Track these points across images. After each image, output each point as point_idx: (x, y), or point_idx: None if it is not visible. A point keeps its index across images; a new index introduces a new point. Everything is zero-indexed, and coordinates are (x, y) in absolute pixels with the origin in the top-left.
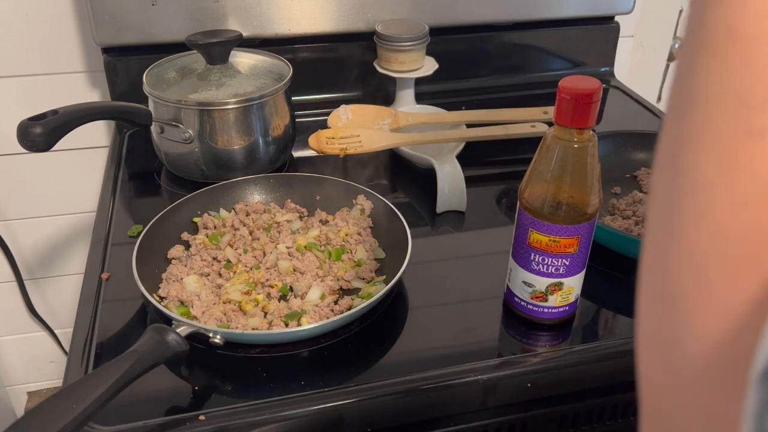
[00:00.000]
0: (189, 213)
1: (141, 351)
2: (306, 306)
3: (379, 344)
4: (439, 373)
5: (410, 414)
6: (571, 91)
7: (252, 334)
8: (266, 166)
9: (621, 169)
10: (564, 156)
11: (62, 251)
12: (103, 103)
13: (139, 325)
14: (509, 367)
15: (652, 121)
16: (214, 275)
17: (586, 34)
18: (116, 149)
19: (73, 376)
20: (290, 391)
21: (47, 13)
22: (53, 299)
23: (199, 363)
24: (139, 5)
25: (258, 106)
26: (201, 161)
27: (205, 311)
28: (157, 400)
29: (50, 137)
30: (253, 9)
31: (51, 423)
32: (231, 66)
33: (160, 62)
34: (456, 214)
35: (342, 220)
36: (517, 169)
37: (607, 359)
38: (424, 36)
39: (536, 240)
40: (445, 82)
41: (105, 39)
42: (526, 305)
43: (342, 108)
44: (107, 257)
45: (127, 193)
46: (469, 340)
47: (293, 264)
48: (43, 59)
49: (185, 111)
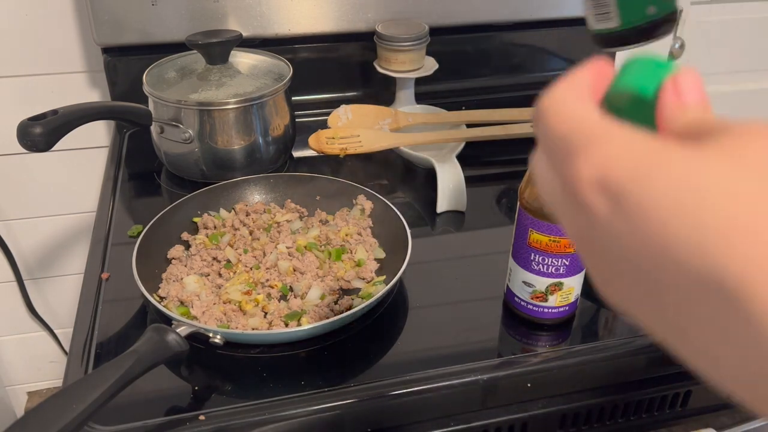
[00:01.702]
0: (189, 213)
1: (141, 351)
2: (306, 306)
3: (379, 344)
4: (439, 373)
5: (410, 414)
6: None
7: (252, 334)
8: (266, 166)
9: None
10: None
11: (62, 251)
12: (103, 103)
13: (139, 325)
14: (509, 367)
15: None
16: (214, 275)
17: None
18: (116, 149)
19: (73, 376)
20: (290, 391)
21: (47, 13)
22: (53, 299)
23: (199, 363)
24: (139, 5)
25: (258, 106)
26: (201, 161)
27: (205, 311)
28: (157, 400)
29: (50, 137)
30: (253, 9)
31: (51, 423)
32: (231, 66)
33: (160, 62)
34: (456, 214)
35: (342, 220)
36: (517, 169)
37: (607, 359)
38: (424, 36)
39: (536, 240)
40: (445, 82)
41: (105, 39)
42: (526, 305)
43: (342, 108)
44: (107, 257)
45: (127, 193)
46: (469, 340)
47: (293, 264)
48: (43, 59)
49: (185, 111)
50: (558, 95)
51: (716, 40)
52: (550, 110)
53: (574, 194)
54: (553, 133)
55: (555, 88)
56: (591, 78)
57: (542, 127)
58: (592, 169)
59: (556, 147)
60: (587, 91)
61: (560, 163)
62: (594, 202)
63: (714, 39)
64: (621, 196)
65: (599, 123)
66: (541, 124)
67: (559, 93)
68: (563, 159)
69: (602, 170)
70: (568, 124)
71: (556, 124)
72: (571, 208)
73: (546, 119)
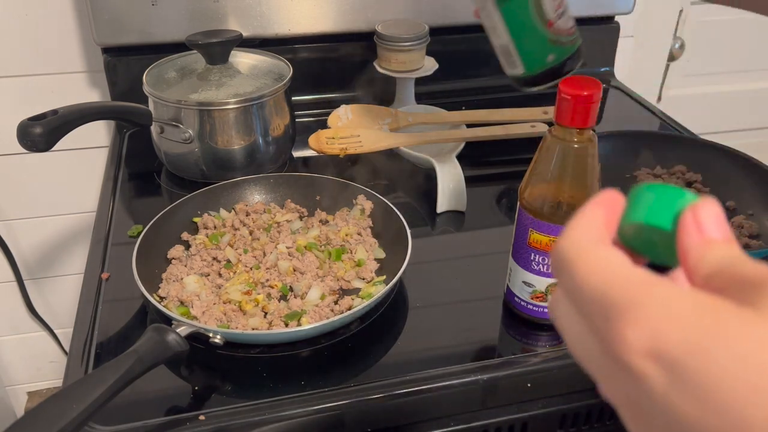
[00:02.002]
0: (189, 213)
1: (141, 351)
2: (306, 306)
3: (379, 344)
4: (439, 373)
5: (410, 414)
6: (571, 92)
7: (252, 334)
8: (266, 166)
9: (621, 169)
10: (564, 156)
11: (62, 251)
12: (103, 103)
13: (139, 325)
14: (509, 367)
15: (652, 121)
16: (214, 275)
17: (586, 34)
18: (116, 149)
19: (73, 376)
20: (290, 391)
21: (47, 13)
22: (53, 299)
23: (199, 363)
24: (139, 5)
25: (258, 106)
26: (201, 161)
27: (205, 311)
28: (157, 400)
29: (50, 137)
30: (253, 9)
31: (51, 423)
32: (231, 66)
33: (160, 62)
34: (456, 214)
35: (342, 220)
36: (517, 169)
37: None
38: (424, 36)
39: (536, 240)
40: (445, 82)
41: (105, 39)
42: (526, 305)
43: (342, 108)
44: (107, 257)
45: (127, 193)
46: (469, 340)
47: (293, 264)
48: (43, 59)
49: (185, 111)
50: (578, 239)
51: (716, 40)
52: (577, 260)
53: (621, 361)
54: (586, 289)
55: (572, 230)
56: (604, 214)
57: (569, 278)
58: (642, 338)
59: (590, 305)
60: (605, 230)
61: (599, 324)
62: (647, 372)
63: (714, 39)
64: (678, 368)
65: (639, 280)
66: (566, 273)
67: (578, 236)
68: (603, 321)
69: (654, 340)
70: (602, 280)
71: (587, 277)
72: (616, 372)
73: (573, 270)
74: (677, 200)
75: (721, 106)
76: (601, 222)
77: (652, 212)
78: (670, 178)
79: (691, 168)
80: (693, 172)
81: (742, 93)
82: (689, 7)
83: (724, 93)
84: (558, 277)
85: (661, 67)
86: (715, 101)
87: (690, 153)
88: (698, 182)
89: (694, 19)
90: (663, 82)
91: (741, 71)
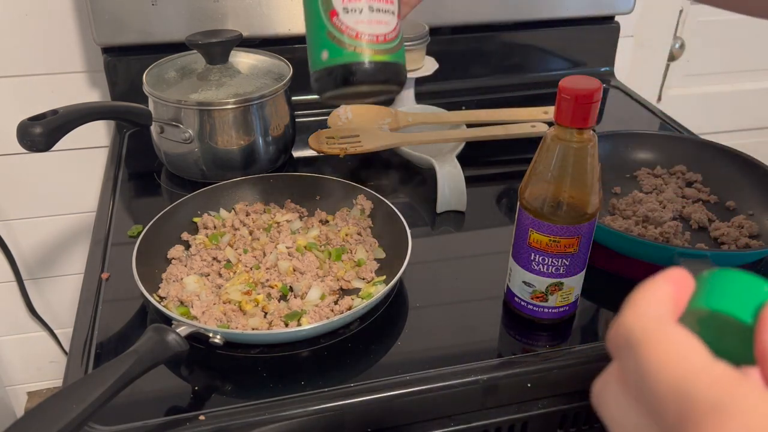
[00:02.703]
0: (189, 213)
1: (141, 351)
2: (306, 306)
3: (379, 344)
4: (439, 373)
5: (410, 414)
6: (571, 91)
7: (252, 334)
8: (266, 166)
9: (621, 169)
10: (564, 156)
11: (62, 251)
12: (103, 103)
13: (139, 325)
14: (509, 367)
15: (652, 121)
16: (214, 275)
17: (586, 34)
18: (116, 149)
19: (73, 376)
20: (290, 391)
21: (47, 13)
22: (53, 299)
23: (199, 363)
24: (139, 5)
25: (258, 106)
26: (201, 161)
27: (205, 311)
28: (157, 400)
29: (50, 137)
30: (253, 9)
31: (51, 423)
32: (231, 66)
33: (160, 62)
34: (456, 214)
35: (342, 220)
36: (517, 169)
37: (607, 359)
38: (424, 36)
39: (536, 240)
40: (445, 82)
41: (105, 39)
42: (526, 305)
43: (342, 108)
44: (107, 257)
45: (127, 193)
46: (469, 340)
47: (293, 264)
48: (43, 59)
49: (185, 111)
50: (649, 316)
51: (716, 40)
52: (647, 342)
53: None
54: (659, 381)
55: (639, 305)
56: (674, 291)
57: (634, 362)
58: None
59: (662, 401)
60: (675, 310)
61: (670, 422)
62: None
63: (714, 39)
64: None
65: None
66: (631, 356)
67: (648, 313)
68: (676, 420)
69: None
70: (681, 374)
71: (661, 366)
72: None
73: (642, 354)
74: (760, 291)
75: (721, 106)
76: (671, 299)
77: (729, 300)
78: (670, 178)
79: (691, 168)
80: (693, 172)
81: (742, 93)
82: (689, 7)
83: (724, 93)
84: (618, 357)
85: (661, 67)
86: (715, 101)
87: (690, 153)
88: (698, 182)
89: (694, 19)
90: (663, 82)
91: (741, 71)
